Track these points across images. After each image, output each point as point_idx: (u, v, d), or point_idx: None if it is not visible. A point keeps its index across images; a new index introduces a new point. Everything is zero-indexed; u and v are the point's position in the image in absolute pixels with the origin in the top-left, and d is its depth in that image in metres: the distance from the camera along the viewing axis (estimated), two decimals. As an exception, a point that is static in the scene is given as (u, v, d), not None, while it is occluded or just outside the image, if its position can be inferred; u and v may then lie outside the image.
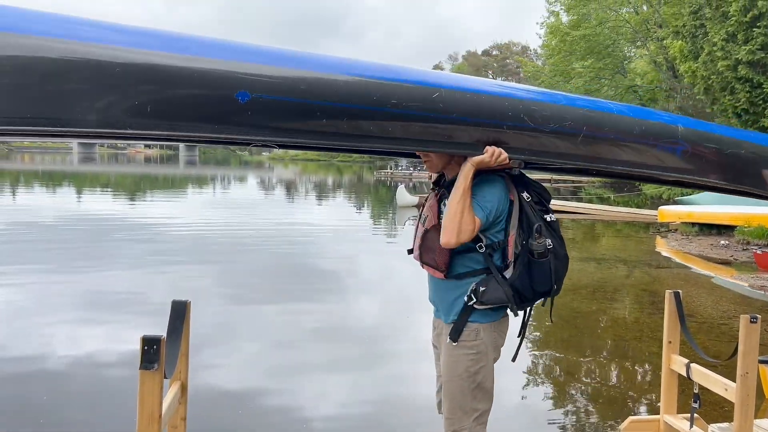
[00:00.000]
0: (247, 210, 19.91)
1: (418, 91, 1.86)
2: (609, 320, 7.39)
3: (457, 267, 2.21)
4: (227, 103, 1.59)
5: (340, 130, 1.77)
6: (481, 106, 2.00)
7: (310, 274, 9.45)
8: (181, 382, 2.70)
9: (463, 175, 2.09)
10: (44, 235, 12.28)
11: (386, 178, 49.14)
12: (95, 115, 1.49)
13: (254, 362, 5.41)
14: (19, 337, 5.62)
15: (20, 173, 40.08)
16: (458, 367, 2.23)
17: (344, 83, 1.74)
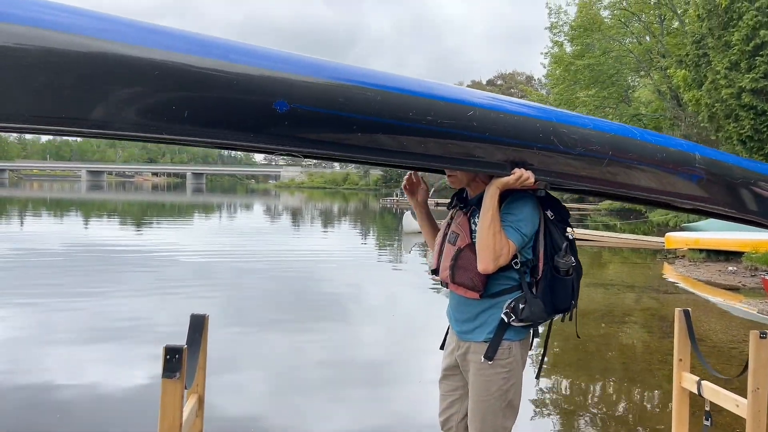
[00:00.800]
0: (253, 237, 19.95)
1: (453, 108, 1.86)
2: (618, 344, 7.36)
3: (492, 286, 2.21)
4: (265, 112, 1.58)
5: (375, 144, 1.77)
6: (514, 126, 2.00)
7: (316, 301, 9.40)
8: (198, 396, 2.74)
9: (489, 199, 2.09)
10: (50, 262, 12.32)
11: (392, 205, 49.23)
12: (131, 118, 1.48)
13: (259, 388, 5.39)
14: (22, 364, 5.59)
15: (29, 200, 40.36)
16: (491, 386, 2.22)
17: (382, 97, 1.74)
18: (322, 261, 14.25)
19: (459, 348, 2.36)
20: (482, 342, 2.25)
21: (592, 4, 33.26)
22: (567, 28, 35.18)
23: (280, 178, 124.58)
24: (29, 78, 1.39)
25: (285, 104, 1.57)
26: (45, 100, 1.42)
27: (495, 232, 2.08)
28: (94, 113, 1.45)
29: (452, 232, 2.33)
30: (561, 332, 7.60)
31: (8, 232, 19.92)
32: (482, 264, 2.11)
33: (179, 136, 1.55)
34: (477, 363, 2.26)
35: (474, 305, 2.27)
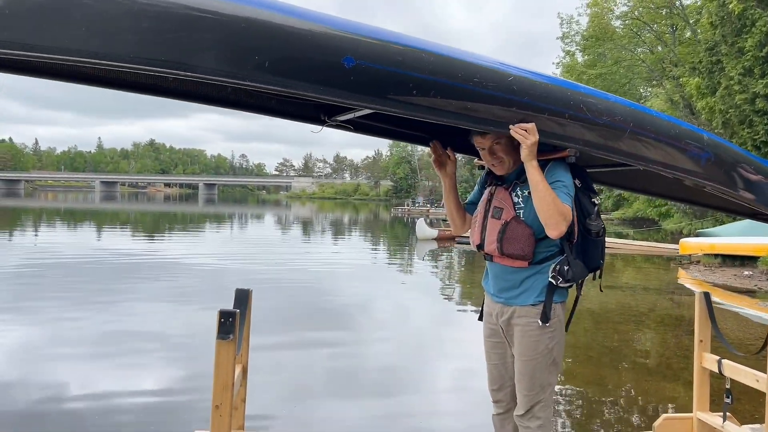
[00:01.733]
0: (264, 247, 19.93)
1: (495, 73, 2.02)
2: (636, 339, 7.44)
3: (539, 253, 2.36)
4: (334, 66, 1.74)
5: (427, 102, 1.91)
6: (549, 93, 2.14)
7: (328, 310, 9.34)
8: (242, 366, 2.89)
9: (536, 171, 2.23)
10: (63, 272, 12.36)
11: (403, 214, 49.42)
12: (220, 64, 1.65)
13: (271, 395, 5.40)
14: (32, 374, 5.52)
15: (43, 211, 40.85)
16: (539, 345, 2.37)
17: (435, 58, 1.91)
18: (333, 270, 14.31)
19: (503, 314, 2.49)
20: (529, 306, 2.38)
21: (603, 13, 33.43)
22: (579, 38, 35.37)
23: (291, 188, 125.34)
24: (137, 23, 1.59)
25: (352, 60, 1.74)
26: (148, 43, 1.61)
27: (554, 198, 2.22)
28: (189, 58, 1.64)
29: (495, 208, 2.44)
30: (579, 331, 7.69)
31: (23, 242, 20.26)
32: (555, 229, 2.22)
33: (260, 83, 1.71)
34: (524, 325, 2.39)
35: (520, 273, 2.40)
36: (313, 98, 1.79)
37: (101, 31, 1.59)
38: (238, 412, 2.92)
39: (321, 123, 2.58)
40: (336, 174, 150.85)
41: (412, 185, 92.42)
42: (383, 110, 1.92)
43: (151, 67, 1.62)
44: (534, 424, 2.41)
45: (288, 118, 2.55)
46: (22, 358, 5.98)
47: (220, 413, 2.34)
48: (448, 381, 5.77)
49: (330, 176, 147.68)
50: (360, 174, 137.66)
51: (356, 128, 2.63)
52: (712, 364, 3.30)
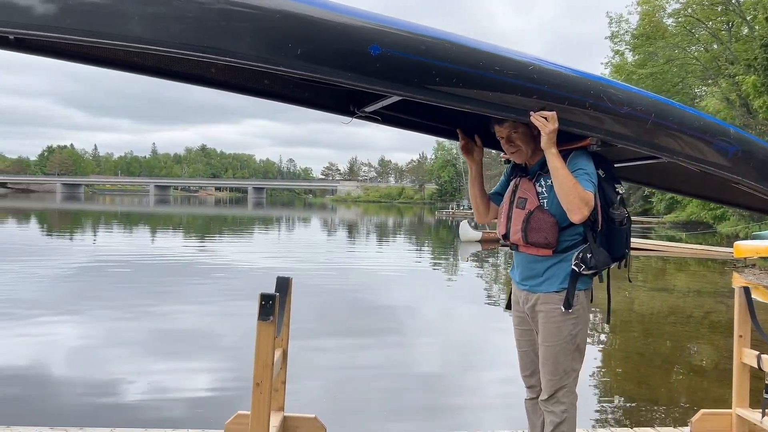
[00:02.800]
0: (311, 250, 20.27)
1: (516, 62, 2.10)
2: (687, 344, 7.28)
3: (562, 242, 2.42)
4: (361, 54, 1.85)
5: (449, 89, 2.00)
6: (569, 81, 2.20)
7: (373, 313, 9.38)
8: (283, 349, 3.04)
9: (555, 158, 2.28)
10: (120, 273, 12.86)
11: (447, 217, 49.27)
12: (255, 51, 1.79)
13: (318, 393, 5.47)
14: (91, 370, 5.71)
15: (102, 214, 42.61)
16: (562, 331, 2.42)
17: (457, 47, 2.00)
18: (377, 272, 14.46)
19: (528, 301, 2.55)
20: (553, 292, 2.44)
21: (655, 11, 32.54)
22: (628, 37, 34.52)
23: (337, 192, 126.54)
24: (184, 14, 1.77)
25: (378, 48, 1.86)
26: (193, 31, 1.78)
27: (574, 183, 2.27)
28: (229, 45, 1.79)
29: (519, 198, 2.51)
30: (629, 330, 7.58)
31: (84, 244, 21.23)
32: (577, 214, 2.27)
33: (292, 69, 1.84)
34: (547, 312, 2.45)
35: (544, 261, 2.47)
36: (342, 84, 1.91)
37: (152, 20, 1.77)
38: (279, 393, 3.07)
39: (351, 114, 2.70)
40: (381, 177, 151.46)
41: (457, 188, 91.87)
42: (408, 96, 2.02)
43: (195, 53, 1.79)
44: (558, 409, 2.47)
45: (320, 109, 2.69)
46: (86, 352, 6.38)
47: (261, 391, 2.49)
48: (492, 386, 5.79)
49: (375, 180, 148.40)
50: (405, 177, 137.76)
51: (384, 120, 2.74)
52: (751, 359, 3.25)
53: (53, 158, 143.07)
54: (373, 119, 2.74)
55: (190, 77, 2.46)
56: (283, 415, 3.09)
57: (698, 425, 3.39)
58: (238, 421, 3.04)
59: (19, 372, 5.49)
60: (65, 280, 11.18)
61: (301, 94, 2.62)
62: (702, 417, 3.40)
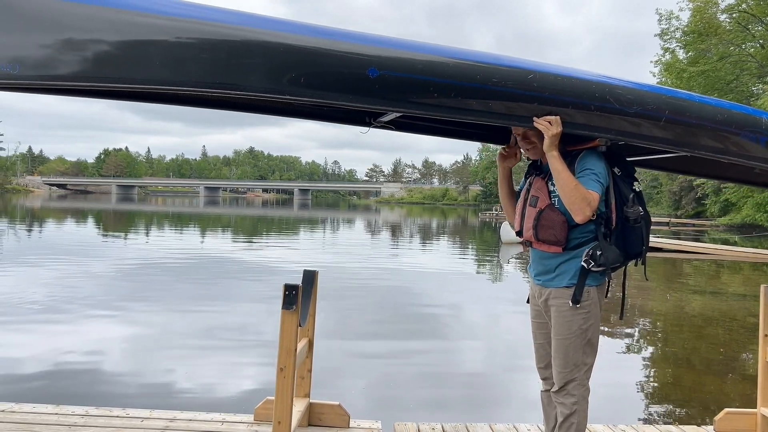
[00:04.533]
0: (356, 251, 20.41)
1: (515, 72, 2.19)
2: (735, 349, 7.11)
3: (572, 239, 2.49)
4: (360, 78, 2.01)
5: (449, 103, 2.12)
6: (572, 86, 2.26)
7: (415, 315, 9.38)
8: (308, 339, 3.21)
9: (556, 161, 2.36)
10: (171, 273, 13.18)
11: (491, 219, 48.85)
12: (262, 83, 1.99)
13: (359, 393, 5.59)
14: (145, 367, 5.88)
15: (155, 215, 44.09)
16: (572, 325, 2.50)
17: (454, 64, 2.12)
18: (419, 273, 14.53)
19: (541, 295, 2.64)
20: (563, 287, 2.53)
21: (707, 7, 31.49)
22: (679, 34, 33.52)
23: (381, 193, 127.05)
24: (197, 55, 2.01)
25: (375, 71, 2.02)
26: (206, 70, 2.01)
27: (576, 185, 2.35)
28: (237, 79, 2.00)
29: (532, 196, 2.60)
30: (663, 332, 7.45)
31: (138, 243, 22.07)
32: (578, 215, 2.36)
33: (296, 96, 2.03)
34: (558, 306, 2.54)
35: (555, 258, 2.55)
36: (345, 106, 2.10)
37: (173, 64, 2.01)
38: (305, 381, 3.24)
39: (367, 125, 2.87)
40: (424, 179, 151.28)
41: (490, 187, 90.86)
42: (408, 112, 2.17)
43: (210, 89, 2.02)
44: (568, 401, 2.54)
45: (338, 123, 2.89)
46: (135, 342, 6.74)
47: (284, 375, 2.66)
48: (529, 383, 5.82)
49: (418, 181, 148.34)
50: (448, 179, 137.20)
51: (398, 127, 2.87)
52: (776, 359, 3.23)
53: (109, 161, 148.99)
54: (388, 128, 2.89)
55: (220, 104, 2.72)
56: (309, 402, 3.26)
57: (722, 424, 3.38)
58: (266, 407, 3.22)
59: (70, 359, 5.87)
60: (120, 277, 11.72)
61: (320, 111, 2.83)
62: (725, 416, 3.39)
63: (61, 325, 7.41)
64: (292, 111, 2.77)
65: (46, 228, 26.44)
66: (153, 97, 2.53)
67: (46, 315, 7.85)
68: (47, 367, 5.58)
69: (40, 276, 11.22)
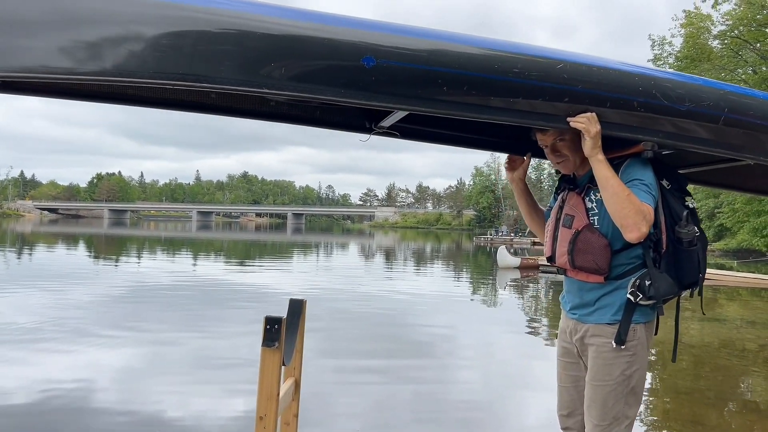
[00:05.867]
0: (348, 275, 20.15)
1: (541, 62, 1.81)
2: (742, 380, 6.74)
3: (617, 267, 2.07)
4: (353, 68, 1.65)
5: (461, 99, 1.75)
6: (610, 79, 1.88)
7: (410, 340, 9.17)
8: (295, 379, 2.81)
9: (603, 166, 1.96)
10: (161, 298, 12.90)
11: (486, 243, 48.50)
12: (233, 75, 1.63)
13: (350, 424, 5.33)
14: (133, 395, 5.65)
15: (146, 239, 43.59)
16: (613, 370, 2.08)
17: (466, 51, 1.75)
18: (414, 298, 14.14)
19: (577, 332, 2.22)
20: (605, 324, 2.11)
21: (700, 33, 31.77)
22: (672, 60, 33.73)
23: (375, 218, 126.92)
24: (155, 41, 1.65)
25: (372, 59, 1.65)
26: (166, 59, 1.64)
27: (628, 194, 1.93)
28: (204, 70, 1.64)
29: (566, 215, 2.19)
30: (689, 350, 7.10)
31: (128, 269, 21.62)
32: (633, 231, 1.93)
33: (277, 90, 1.66)
34: (598, 345, 2.12)
35: (596, 289, 2.13)
36: (336, 102, 1.72)
37: (125, 53, 1.66)
38: (290, 427, 2.84)
39: (368, 131, 2.46)
40: (418, 203, 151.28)
41: (496, 215, 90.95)
42: (412, 110, 1.80)
43: (169, 81, 1.65)
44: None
45: (334, 128, 2.47)
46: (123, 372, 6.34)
47: (265, 425, 2.27)
48: (533, 419, 5.44)
49: (412, 206, 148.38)
50: (442, 203, 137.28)
51: (404, 134, 2.47)
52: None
53: (102, 185, 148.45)
54: (392, 134, 2.46)
55: (189, 105, 2.29)
56: (295, 452, 2.85)
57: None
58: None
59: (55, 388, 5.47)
60: (107, 304, 11.31)
61: (313, 114, 2.42)
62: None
63: (47, 353, 7.08)
64: (281, 115, 2.36)
65: (33, 253, 25.90)
66: (103, 95, 2.15)
67: (30, 342, 7.51)
68: (32, 398, 5.24)
69: (25, 302, 10.83)
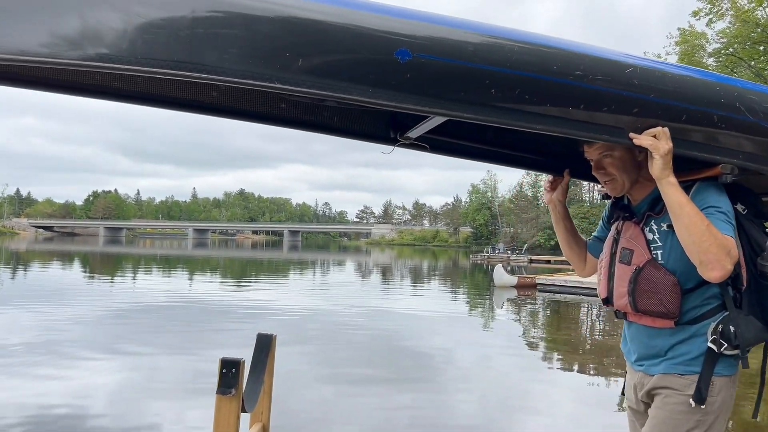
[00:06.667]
0: (344, 293, 19.95)
1: (607, 63, 1.55)
2: None
3: (690, 309, 1.75)
4: (384, 63, 1.39)
5: (510, 104, 1.49)
6: (686, 88, 1.61)
7: (407, 361, 8.99)
8: (262, 425, 2.51)
9: (675, 190, 1.65)
10: (156, 317, 12.75)
11: (482, 261, 48.14)
12: (242, 65, 1.37)
13: None
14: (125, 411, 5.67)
15: (142, 257, 43.26)
16: (680, 427, 1.74)
17: (519, 48, 1.47)
18: (410, 317, 13.92)
19: (643, 385, 1.87)
20: (677, 376, 1.77)
21: (695, 51, 31.84)
22: (667, 77, 33.84)
23: (371, 235, 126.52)
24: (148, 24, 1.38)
25: (407, 53, 1.39)
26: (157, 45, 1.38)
27: (708, 225, 1.63)
28: (201, 57, 1.37)
29: (623, 249, 1.87)
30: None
31: (123, 287, 21.33)
32: (716, 269, 1.62)
33: (290, 86, 1.38)
34: (666, 396, 1.79)
35: (665, 336, 1.80)
36: (361, 103, 1.43)
37: (114, 35, 1.40)
38: (258, 479, 2.53)
39: (392, 142, 2.16)
40: (415, 221, 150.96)
41: (493, 232, 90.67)
42: (452, 116, 1.51)
43: (160, 69, 1.37)
44: None
45: (353, 137, 2.16)
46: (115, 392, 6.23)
47: (221, 484, 1.97)
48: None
49: (409, 223, 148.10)
50: (439, 221, 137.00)
51: (433, 148, 2.16)
52: None
53: (97, 203, 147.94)
54: (420, 146, 2.16)
55: (187, 104, 1.98)
56: None
57: None
58: None
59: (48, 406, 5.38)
60: (95, 324, 11.07)
61: (329, 121, 2.11)
62: None
63: (41, 369, 7.05)
64: (293, 120, 2.06)
65: (27, 271, 25.52)
66: (85, 88, 1.86)
67: (23, 360, 7.47)
68: (25, 417, 5.20)
69: (16, 321, 10.71)
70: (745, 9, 25.40)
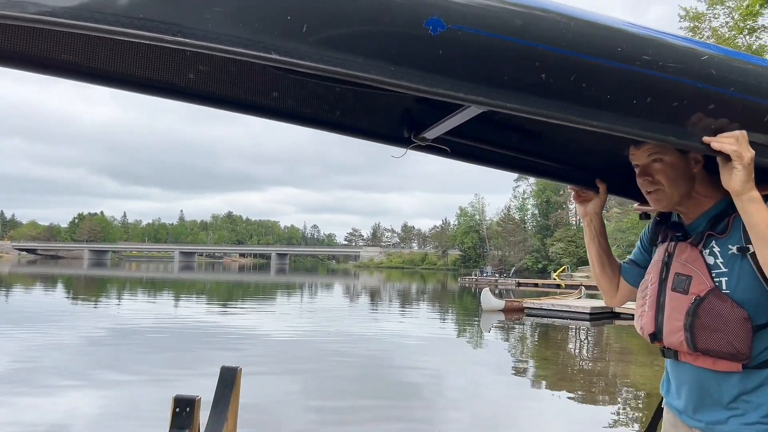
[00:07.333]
0: (332, 318, 19.67)
1: (681, 49, 1.29)
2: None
3: (764, 351, 1.48)
4: (411, 35, 1.11)
5: (563, 91, 1.21)
6: None
7: (396, 386, 8.85)
8: (225, 464, 2.35)
9: (759, 206, 1.37)
10: (139, 341, 12.51)
11: (470, 284, 47.99)
12: (231, 29, 1.08)
13: None
14: None
15: (127, 281, 42.67)
16: None
17: (577, 25, 1.20)
18: (397, 341, 13.73)
19: None
20: (747, 426, 1.49)
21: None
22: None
23: (360, 258, 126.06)
24: None
25: (440, 23, 1.12)
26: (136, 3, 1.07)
27: None
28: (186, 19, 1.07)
29: (678, 275, 1.57)
30: None
31: (107, 311, 20.96)
32: None
33: (291, 58, 1.10)
34: None
35: (731, 383, 1.51)
36: (379, 85, 1.15)
37: None
38: None
39: (406, 143, 1.82)
40: (404, 243, 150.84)
41: (481, 255, 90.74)
42: (493, 105, 1.21)
43: (125, 29, 1.06)
44: None
45: (360, 136, 1.82)
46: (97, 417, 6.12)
47: None
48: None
49: (398, 245, 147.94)
50: (428, 243, 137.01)
51: (454, 152, 1.85)
52: None
53: (83, 225, 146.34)
54: (437, 149, 1.82)
55: (157, 87, 1.59)
56: None
57: None
58: None
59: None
60: (77, 347, 10.83)
61: (331, 116, 1.76)
62: None
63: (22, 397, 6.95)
64: (286, 112, 1.71)
65: (6, 295, 25.00)
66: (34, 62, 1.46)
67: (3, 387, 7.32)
68: None
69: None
70: (726, 37, 25.88)
